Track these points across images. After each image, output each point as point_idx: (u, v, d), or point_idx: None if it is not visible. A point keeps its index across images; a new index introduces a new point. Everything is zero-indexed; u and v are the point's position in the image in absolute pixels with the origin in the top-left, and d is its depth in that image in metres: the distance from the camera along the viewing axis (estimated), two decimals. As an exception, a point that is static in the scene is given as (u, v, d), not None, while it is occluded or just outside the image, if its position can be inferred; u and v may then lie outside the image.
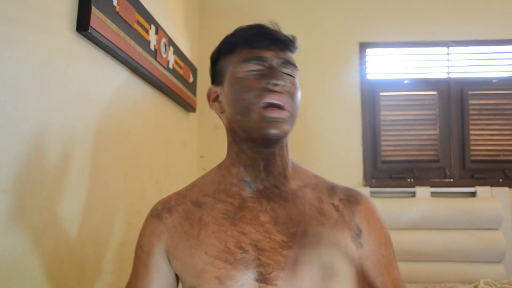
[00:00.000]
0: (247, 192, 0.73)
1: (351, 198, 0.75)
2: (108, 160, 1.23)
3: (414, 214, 2.05)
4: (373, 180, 2.26)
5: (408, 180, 2.26)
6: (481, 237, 2.02)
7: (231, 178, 0.75)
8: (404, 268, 2.03)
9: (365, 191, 2.15)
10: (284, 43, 0.72)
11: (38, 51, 0.90)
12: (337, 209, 0.73)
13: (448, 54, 2.34)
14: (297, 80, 0.74)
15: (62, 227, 0.99)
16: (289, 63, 0.72)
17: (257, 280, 0.69)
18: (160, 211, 0.79)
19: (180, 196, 0.79)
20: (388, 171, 2.29)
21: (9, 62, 0.81)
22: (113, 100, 1.26)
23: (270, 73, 0.69)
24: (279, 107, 0.68)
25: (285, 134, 0.70)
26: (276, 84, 0.68)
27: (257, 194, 0.73)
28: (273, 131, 0.68)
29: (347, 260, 0.72)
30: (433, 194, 2.16)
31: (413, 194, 2.18)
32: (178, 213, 0.77)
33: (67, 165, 1.02)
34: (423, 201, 2.10)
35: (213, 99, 0.83)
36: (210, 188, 0.77)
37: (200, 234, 0.73)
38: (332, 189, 0.76)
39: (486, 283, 1.16)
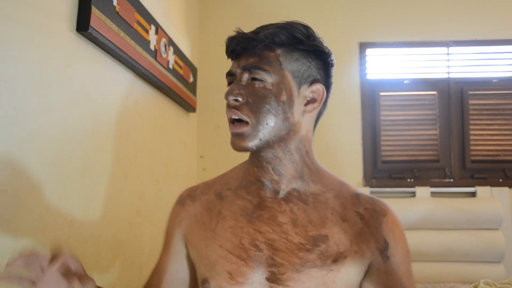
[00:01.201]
0: (266, 192, 0.73)
1: (378, 209, 0.72)
2: (108, 160, 1.23)
3: (414, 214, 2.05)
4: (373, 180, 2.26)
5: (408, 180, 2.26)
6: (481, 237, 2.02)
7: (250, 176, 0.75)
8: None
9: (365, 191, 2.15)
10: (248, 49, 0.69)
11: (38, 51, 0.90)
12: (362, 217, 0.71)
13: (448, 54, 2.34)
14: (273, 81, 0.69)
15: (62, 227, 0.99)
16: (250, 68, 0.69)
17: (268, 279, 0.68)
18: (184, 198, 0.82)
19: (207, 186, 0.82)
20: (388, 171, 2.29)
21: (9, 62, 0.81)
22: (113, 100, 1.26)
23: (229, 87, 0.70)
24: (238, 121, 0.69)
25: (253, 145, 0.68)
26: (228, 100, 0.69)
27: (275, 195, 0.73)
28: (235, 146, 0.69)
29: (370, 272, 0.70)
30: (433, 194, 2.16)
31: (413, 194, 2.18)
32: (201, 202, 0.79)
33: (67, 165, 1.02)
34: (423, 201, 2.10)
35: None
36: (234, 183, 0.78)
37: (217, 227, 0.74)
38: (356, 197, 0.74)
39: (486, 283, 1.16)
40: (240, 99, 0.68)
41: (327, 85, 0.76)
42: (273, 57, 0.69)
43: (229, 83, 0.73)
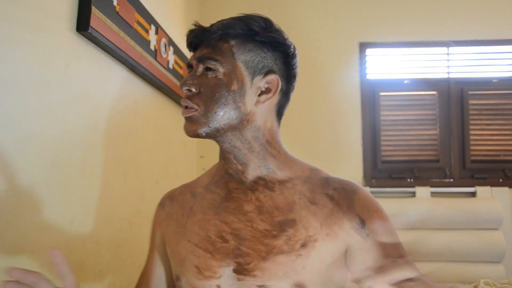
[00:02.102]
0: (233, 184, 0.74)
1: (347, 188, 0.71)
2: (108, 160, 1.23)
3: (414, 214, 2.05)
4: (373, 180, 2.26)
5: (408, 180, 2.26)
6: (481, 237, 2.02)
7: (220, 170, 0.77)
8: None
9: (365, 191, 2.15)
10: (200, 41, 0.73)
11: (38, 51, 0.90)
12: (331, 198, 0.70)
13: (448, 54, 2.34)
14: (225, 70, 0.69)
15: (62, 227, 0.99)
16: (203, 58, 0.71)
17: (235, 271, 0.67)
18: (164, 200, 0.84)
19: (185, 187, 0.84)
20: (388, 171, 2.29)
21: (9, 62, 0.81)
22: (113, 100, 1.26)
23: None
24: (188, 108, 0.71)
25: (202, 132, 0.70)
26: (181, 90, 0.72)
27: (241, 185, 0.73)
28: (186, 130, 0.72)
29: (352, 255, 0.67)
30: (433, 194, 2.16)
31: (413, 194, 2.18)
32: (178, 202, 0.80)
33: (67, 165, 1.02)
34: (423, 201, 2.10)
35: None
36: (206, 180, 0.80)
37: (187, 222, 0.75)
38: (326, 180, 0.73)
39: (486, 283, 1.16)
40: (193, 89, 0.70)
41: (287, 77, 0.75)
42: (226, 48, 0.71)
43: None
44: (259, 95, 0.72)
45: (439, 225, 2.06)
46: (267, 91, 0.72)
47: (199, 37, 0.72)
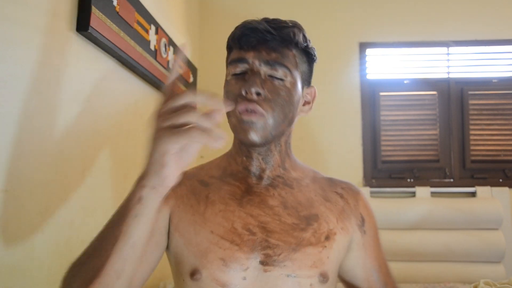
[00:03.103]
0: (253, 180, 0.74)
1: (352, 188, 0.79)
2: (108, 160, 1.23)
3: (414, 214, 2.05)
4: (373, 180, 2.26)
5: (408, 180, 2.26)
6: (481, 237, 2.02)
7: (237, 165, 0.76)
8: (404, 268, 2.03)
9: (365, 191, 2.15)
10: (271, 43, 0.69)
11: (38, 51, 0.90)
12: (341, 196, 0.77)
13: (448, 54, 2.34)
14: (291, 80, 0.70)
15: (62, 227, 0.99)
16: (274, 64, 0.68)
17: (262, 263, 0.67)
18: None
19: (187, 174, 0.78)
20: (388, 171, 2.29)
21: (9, 62, 0.81)
22: (113, 100, 1.26)
23: (248, 78, 0.68)
24: (254, 111, 0.67)
25: (265, 141, 0.69)
26: (249, 92, 0.66)
27: (262, 182, 0.74)
28: (251, 136, 0.67)
29: (350, 248, 0.75)
30: (433, 194, 2.16)
31: (413, 194, 2.18)
32: (186, 186, 0.75)
33: (67, 165, 1.02)
34: (423, 201, 2.10)
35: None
36: (217, 172, 0.77)
37: (206, 211, 0.71)
38: (330, 180, 0.80)
39: (486, 283, 1.16)
40: (261, 92, 0.67)
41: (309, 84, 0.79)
42: (291, 56, 0.71)
43: (237, 73, 0.70)
44: (303, 105, 0.76)
45: (439, 225, 2.06)
46: (308, 102, 0.78)
47: (260, 37, 0.69)
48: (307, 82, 0.76)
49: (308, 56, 0.75)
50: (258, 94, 0.67)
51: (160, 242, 0.72)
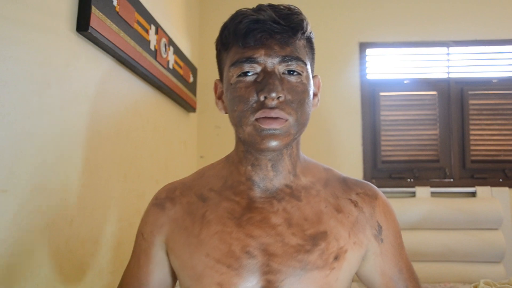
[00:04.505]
0: (256, 192, 0.66)
1: (369, 193, 0.70)
2: (108, 160, 1.23)
3: (414, 214, 2.05)
4: (373, 180, 2.26)
5: (408, 180, 2.26)
6: (481, 237, 2.02)
7: (239, 176, 0.68)
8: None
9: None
10: (281, 35, 0.60)
11: (38, 51, 0.90)
12: (356, 204, 0.68)
13: (448, 54, 2.34)
14: (306, 74, 0.63)
15: (62, 227, 0.99)
16: (290, 58, 0.61)
17: None
18: (163, 201, 0.72)
19: (186, 186, 0.72)
20: (388, 171, 2.29)
21: (9, 62, 0.81)
22: (113, 100, 1.26)
23: (263, 81, 0.59)
24: (277, 118, 0.59)
25: (285, 146, 0.62)
26: (269, 97, 0.59)
27: (267, 194, 0.66)
28: (270, 144, 0.60)
29: (365, 258, 0.68)
30: (433, 194, 2.16)
31: (413, 194, 2.18)
32: (182, 205, 0.70)
33: (67, 165, 1.02)
34: (423, 201, 2.10)
35: (218, 96, 0.72)
36: (217, 183, 0.70)
37: (201, 233, 0.65)
38: (344, 182, 0.70)
39: (486, 283, 1.16)
40: (282, 96, 0.59)
41: None
42: (302, 47, 0.63)
43: (242, 73, 0.62)
44: (313, 98, 0.68)
45: (439, 225, 2.06)
46: (316, 94, 0.69)
47: (269, 29, 0.60)
48: (313, 73, 0.68)
49: (311, 42, 0.68)
50: (279, 98, 0.59)
51: (164, 277, 0.72)
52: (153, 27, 1.48)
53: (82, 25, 1.04)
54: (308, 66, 0.64)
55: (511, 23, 2.29)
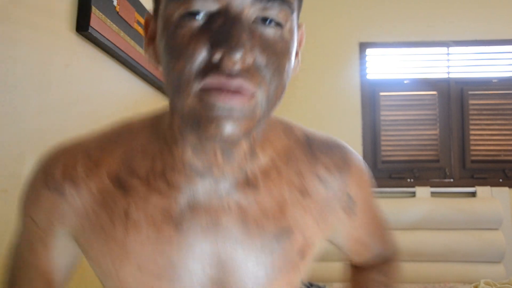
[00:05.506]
0: (199, 184, 0.48)
1: (339, 163, 0.55)
2: (108, 160, 1.23)
3: (414, 214, 2.05)
4: (373, 180, 2.26)
5: (408, 180, 2.26)
6: (481, 237, 2.02)
7: (173, 160, 0.48)
8: (404, 268, 2.03)
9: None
10: None
11: (38, 51, 0.90)
12: (323, 181, 0.53)
13: (448, 54, 2.34)
14: (290, 26, 0.41)
15: (62, 227, 0.99)
16: (272, 0, 0.39)
17: None
18: (60, 183, 0.50)
19: (91, 160, 0.51)
20: (388, 171, 2.29)
21: (9, 62, 0.81)
22: (113, 100, 1.26)
23: (221, 28, 0.37)
24: (238, 92, 0.38)
25: (246, 134, 0.41)
26: (229, 58, 0.36)
27: (214, 185, 0.48)
28: (224, 131, 0.39)
29: (337, 230, 0.58)
30: (433, 194, 2.16)
31: (413, 194, 2.18)
32: (90, 193, 0.49)
33: (67, 165, 1.02)
34: (423, 201, 2.10)
35: (149, 37, 0.47)
36: (140, 163, 0.49)
37: (127, 238, 0.47)
38: (309, 148, 0.55)
39: (486, 283, 1.16)
40: (250, 58, 0.37)
41: None
42: None
43: (188, 13, 0.38)
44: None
45: (439, 225, 2.06)
46: (297, 52, 0.48)
47: None
48: (297, 22, 0.46)
49: None
50: (243, 60, 0.37)
51: (70, 261, 0.54)
52: (153, 27, 1.48)
53: (82, 25, 1.04)
54: (295, 15, 0.42)
55: (511, 23, 2.29)
